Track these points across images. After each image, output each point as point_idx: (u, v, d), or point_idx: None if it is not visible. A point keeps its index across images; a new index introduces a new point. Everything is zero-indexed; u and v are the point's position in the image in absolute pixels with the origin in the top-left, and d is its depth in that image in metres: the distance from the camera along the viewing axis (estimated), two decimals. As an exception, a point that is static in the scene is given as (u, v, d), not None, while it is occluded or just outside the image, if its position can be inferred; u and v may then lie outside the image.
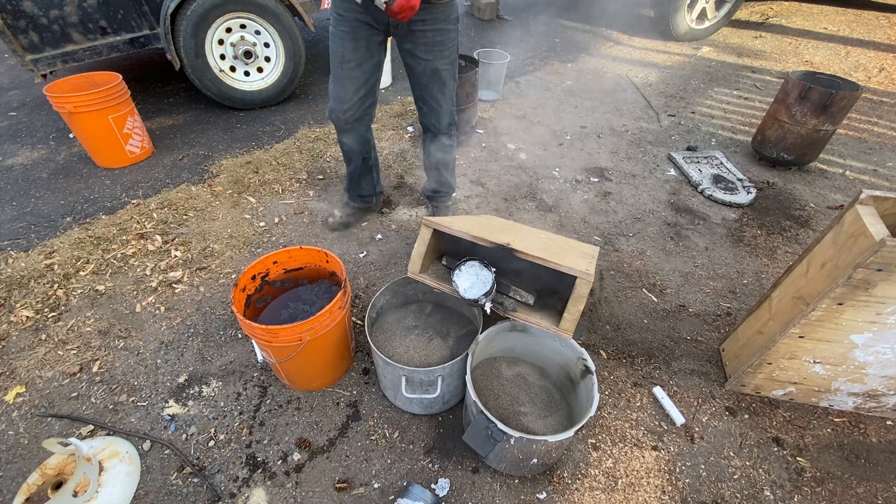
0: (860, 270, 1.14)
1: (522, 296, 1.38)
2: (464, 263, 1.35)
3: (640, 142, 3.14)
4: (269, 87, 3.37)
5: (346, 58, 1.65)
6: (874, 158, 2.97)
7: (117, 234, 2.26)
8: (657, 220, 2.44)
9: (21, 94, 3.71)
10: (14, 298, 1.91)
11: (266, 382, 1.63)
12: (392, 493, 1.34)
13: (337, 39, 1.64)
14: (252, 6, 3.00)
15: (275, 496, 1.33)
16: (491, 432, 1.18)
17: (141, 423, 1.51)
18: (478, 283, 1.33)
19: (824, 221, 2.43)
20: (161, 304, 1.93)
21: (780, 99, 2.62)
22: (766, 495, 1.35)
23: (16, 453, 1.43)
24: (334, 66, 1.71)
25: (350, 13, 1.57)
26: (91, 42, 2.79)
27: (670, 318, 1.89)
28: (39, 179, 2.68)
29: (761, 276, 2.10)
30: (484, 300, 1.32)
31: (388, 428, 1.51)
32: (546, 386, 1.52)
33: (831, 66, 4.20)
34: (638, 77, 4.10)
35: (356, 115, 1.82)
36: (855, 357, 1.37)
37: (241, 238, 2.27)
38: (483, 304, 1.33)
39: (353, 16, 1.57)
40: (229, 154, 2.94)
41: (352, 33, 1.61)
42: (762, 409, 1.57)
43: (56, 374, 1.65)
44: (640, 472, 1.40)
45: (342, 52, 1.64)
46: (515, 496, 1.34)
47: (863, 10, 5.41)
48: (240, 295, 1.47)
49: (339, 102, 1.77)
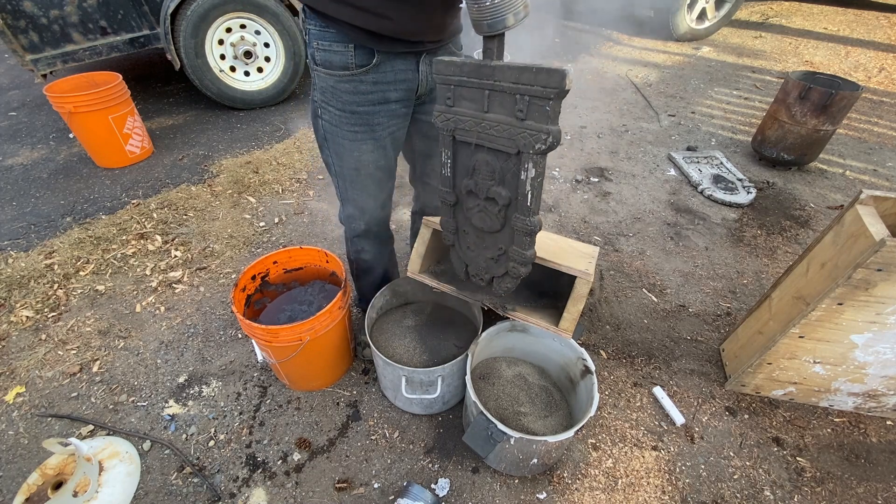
0: (860, 270, 1.14)
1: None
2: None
3: (640, 142, 3.14)
4: (269, 87, 3.38)
5: (365, 161, 1.22)
6: (874, 158, 2.97)
7: (117, 234, 2.26)
8: (657, 220, 2.44)
9: (21, 94, 3.71)
10: (14, 298, 1.91)
11: (266, 382, 1.63)
12: (392, 493, 1.34)
13: (345, 143, 1.18)
14: (252, 6, 3.00)
15: (275, 496, 1.33)
16: (491, 433, 1.17)
17: (141, 423, 1.51)
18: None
19: (824, 221, 2.42)
20: (161, 304, 1.93)
21: (780, 99, 2.62)
22: (766, 495, 1.35)
23: (16, 453, 1.43)
24: (345, 172, 1.26)
25: (368, 106, 1.12)
26: (91, 42, 2.79)
27: (670, 318, 1.89)
28: (39, 179, 2.68)
29: (761, 276, 2.10)
30: None
31: (388, 428, 1.51)
32: (546, 386, 1.52)
33: (831, 66, 4.20)
34: (638, 77, 4.10)
35: (382, 214, 1.41)
36: (855, 357, 1.37)
37: (241, 238, 2.27)
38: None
39: (377, 108, 1.13)
40: (229, 154, 2.94)
41: (370, 132, 1.17)
42: (762, 409, 1.57)
43: (56, 374, 1.65)
44: (640, 472, 1.40)
45: (358, 157, 1.21)
46: (515, 496, 1.34)
47: (863, 10, 5.41)
48: (240, 295, 1.47)
49: (360, 211, 1.35)
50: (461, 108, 1.02)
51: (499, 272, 1.21)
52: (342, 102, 1.12)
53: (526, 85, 0.88)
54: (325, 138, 1.22)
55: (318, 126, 1.21)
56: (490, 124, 0.98)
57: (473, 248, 1.24)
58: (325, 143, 1.24)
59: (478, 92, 0.97)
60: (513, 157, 0.99)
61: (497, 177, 1.05)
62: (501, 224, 1.11)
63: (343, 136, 1.18)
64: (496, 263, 1.21)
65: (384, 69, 1.08)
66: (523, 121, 0.92)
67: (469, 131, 1.03)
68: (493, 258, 1.20)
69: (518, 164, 0.99)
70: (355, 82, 1.08)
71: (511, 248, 1.12)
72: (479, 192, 1.10)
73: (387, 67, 1.08)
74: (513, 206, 1.06)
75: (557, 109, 0.88)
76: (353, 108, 1.12)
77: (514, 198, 1.05)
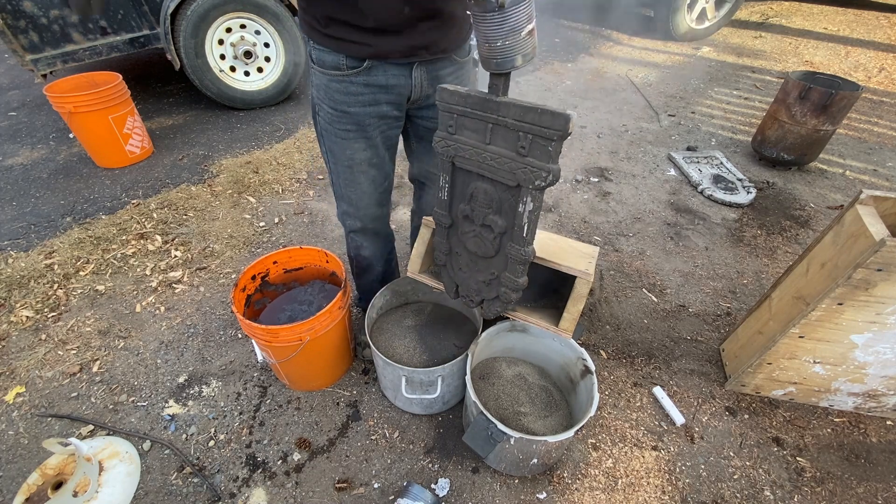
0: (860, 270, 1.14)
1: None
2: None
3: (640, 142, 3.14)
4: (269, 87, 3.38)
5: (358, 159, 1.24)
6: (874, 158, 2.97)
7: (117, 234, 2.26)
8: (657, 220, 2.44)
9: (21, 94, 3.71)
10: (14, 298, 1.91)
11: (266, 382, 1.63)
12: (392, 493, 1.34)
13: (338, 140, 1.20)
14: (252, 6, 3.00)
15: (275, 496, 1.33)
16: (491, 433, 1.17)
17: (141, 423, 1.51)
18: None
19: (824, 221, 2.42)
20: (161, 304, 1.93)
21: (780, 99, 2.62)
22: (766, 495, 1.35)
23: (16, 453, 1.43)
24: (339, 169, 1.28)
25: (358, 107, 1.13)
26: (91, 42, 2.79)
27: (670, 318, 1.89)
28: (39, 179, 2.68)
29: (761, 276, 2.10)
30: None
31: (388, 428, 1.51)
32: (546, 386, 1.52)
33: (831, 66, 4.20)
34: (638, 77, 4.10)
35: (378, 212, 1.42)
36: (855, 357, 1.37)
37: (241, 238, 2.27)
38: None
39: (367, 110, 1.14)
40: (229, 154, 2.94)
41: (362, 132, 1.18)
42: (762, 409, 1.57)
43: (56, 374, 1.65)
44: (640, 472, 1.40)
45: (350, 155, 1.23)
46: (515, 496, 1.34)
47: (863, 10, 5.41)
48: (240, 295, 1.47)
49: (355, 208, 1.37)
50: (463, 137, 1.03)
51: (490, 295, 1.23)
52: (334, 101, 1.13)
53: (529, 124, 0.90)
54: (322, 135, 1.24)
55: (316, 122, 1.24)
56: (491, 156, 0.99)
57: (466, 269, 1.25)
58: (322, 140, 1.26)
59: (481, 124, 0.98)
60: (511, 189, 1.01)
61: (494, 206, 1.06)
62: (496, 250, 1.13)
63: (336, 135, 1.20)
64: (487, 287, 1.22)
65: (376, 73, 1.08)
66: (525, 157, 0.94)
67: (469, 160, 1.04)
68: (485, 282, 1.22)
69: (516, 197, 1.00)
70: (346, 83, 1.09)
71: (504, 274, 1.14)
72: (475, 218, 1.11)
73: (378, 72, 1.08)
74: (508, 234, 1.08)
75: (559, 150, 0.90)
76: (344, 108, 1.13)
77: (510, 227, 1.06)
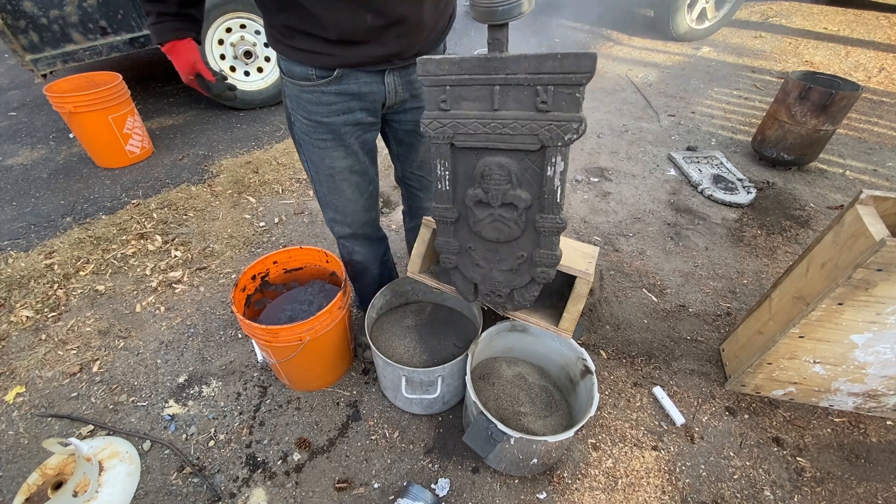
0: (860, 270, 1.14)
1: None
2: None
3: (640, 142, 3.14)
4: (269, 87, 3.38)
5: (339, 167, 1.21)
6: (874, 158, 2.97)
7: (117, 234, 2.26)
8: (657, 220, 2.44)
9: (21, 94, 3.71)
10: (14, 298, 1.91)
11: (266, 382, 1.63)
12: (392, 493, 1.34)
13: (316, 150, 1.18)
14: (252, 6, 3.00)
15: (275, 496, 1.33)
16: (491, 433, 1.17)
17: (141, 423, 1.51)
18: None
19: (824, 221, 2.42)
20: (161, 304, 1.93)
21: (780, 99, 2.62)
22: (766, 495, 1.35)
23: (16, 453, 1.43)
24: (321, 178, 1.25)
25: (332, 116, 1.10)
26: (91, 42, 2.79)
27: (670, 318, 1.89)
28: (39, 179, 2.68)
29: (761, 276, 2.10)
30: None
31: (388, 428, 1.51)
32: (546, 386, 1.52)
33: (831, 66, 4.20)
34: (638, 77, 4.10)
35: (366, 217, 1.39)
36: (855, 357, 1.37)
37: (241, 238, 2.27)
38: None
39: (342, 118, 1.11)
40: (229, 154, 2.94)
41: (339, 140, 1.16)
42: (762, 409, 1.57)
43: (56, 374, 1.65)
44: (640, 472, 1.40)
45: (330, 164, 1.20)
46: (515, 496, 1.34)
47: (863, 10, 5.41)
48: (240, 295, 1.47)
49: (342, 214, 1.34)
50: (461, 111, 0.94)
51: (521, 283, 1.13)
52: (308, 112, 1.10)
53: (550, 73, 0.82)
54: (300, 144, 1.21)
55: (293, 132, 1.21)
56: (503, 122, 0.91)
57: (484, 263, 1.15)
58: (301, 150, 1.23)
59: (485, 89, 0.89)
60: (532, 154, 0.93)
61: (514, 179, 0.97)
62: (522, 229, 1.04)
63: (314, 145, 1.17)
64: (516, 274, 1.12)
65: (347, 81, 1.05)
66: (547, 112, 0.87)
67: (474, 135, 0.95)
68: (511, 269, 1.12)
69: (541, 161, 0.93)
70: (318, 93, 1.06)
71: (536, 251, 1.07)
72: (492, 200, 1.02)
73: (350, 80, 1.05)
74: (534, 207, 1.00)
75: (584, 95, 0.84)
76: (318, 118, 1.10)
77: (537, 198, 0.98)
